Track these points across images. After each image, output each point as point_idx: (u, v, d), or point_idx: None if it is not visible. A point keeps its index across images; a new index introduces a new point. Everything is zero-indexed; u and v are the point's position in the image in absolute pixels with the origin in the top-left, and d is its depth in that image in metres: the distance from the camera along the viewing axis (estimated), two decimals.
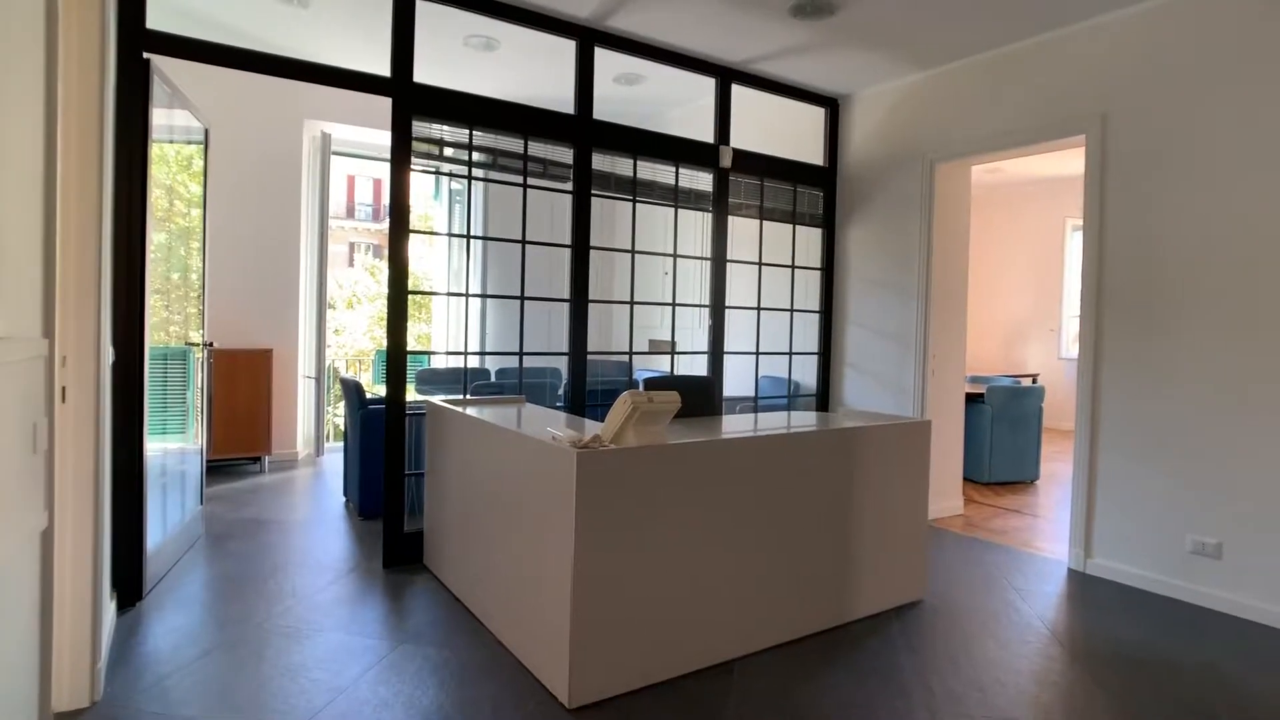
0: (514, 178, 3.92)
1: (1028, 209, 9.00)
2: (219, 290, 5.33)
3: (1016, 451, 5.55)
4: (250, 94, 5.50)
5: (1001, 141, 4.07)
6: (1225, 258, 3.18)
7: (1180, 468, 3.30)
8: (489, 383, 4.77)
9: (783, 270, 4.90)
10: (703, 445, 2.49)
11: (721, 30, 3.96)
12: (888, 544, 3.06)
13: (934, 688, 2.42)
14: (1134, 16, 3.49)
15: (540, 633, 2.39)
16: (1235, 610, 3.12)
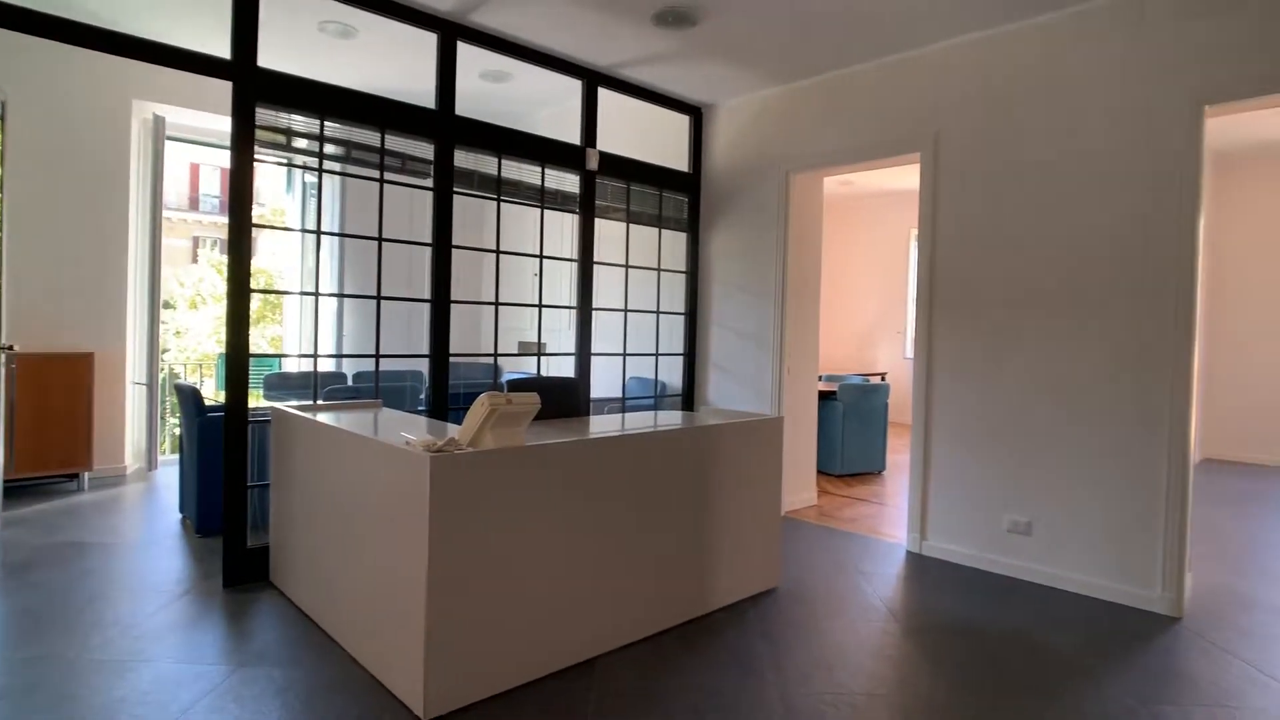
0: (370, 172, 3.76)
1: (877, 219, 9.68)
2: (26, 287, 4.76)
3: (866, 445, 5.96)
4: (69, 67, 4.95)
5: (849, 155, 4.35)
6: (1035, 263, 3.57)
7: (999, 454, 3.67)
8: (345, 387, 4.55)
9: (649, 273, 4.99)
10: (562, 446, 2.50)
11: (587, 33, 3.99)
12: (745, 536, 3.19)
13: (785, 668, 2.55)
14: (962, 45, 3.84)
15: (394, 644, 2.31)
16: (1044, 580, 3.50)
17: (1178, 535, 3.15)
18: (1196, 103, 3.11)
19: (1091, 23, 3.40)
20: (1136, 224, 3.27)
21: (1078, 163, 3.44)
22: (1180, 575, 3.14)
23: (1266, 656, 2.76)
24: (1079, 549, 3.40)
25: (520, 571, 2.37)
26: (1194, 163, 3.12)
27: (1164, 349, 3.19)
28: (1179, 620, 3.09)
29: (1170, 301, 3.19)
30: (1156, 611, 3.16)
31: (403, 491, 2.26)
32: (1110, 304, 3.34)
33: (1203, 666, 2.67)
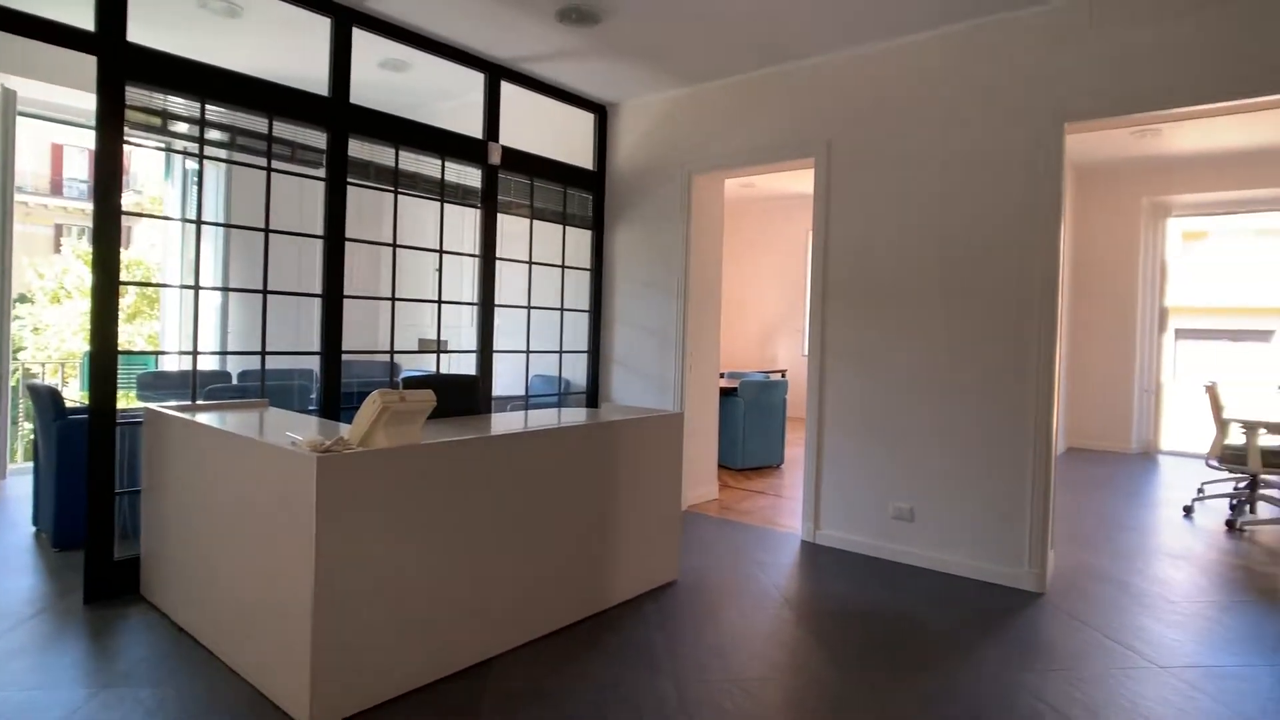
0: (257, 160, 3.58)
1: (778, 221, 10.00)
2: None
3: (765, 439, 6.15)
4: None
5: (749, 158, 4.48)
6: (918, 265, 3.79)
7: (885, 445, 3.87)
8: (228, 386, 4.31)
9: (553, 270, 4.97)
10: (458, 444, 2.46)
11: (489, 26, 3.93)
12: (645, 530, 3.24)
13: (681, 658, 2.61)
14: (855, 57, 4.02)
15: (278, 654, 2.21)
16: (925, 563, 3.72)
17: (1042, 518, 3.41)
18: (1058, 120, 3.38)
19: (968, 42, 3.64)
20: (1007, 229, 3.52)
21: (957, 170, 3.67)
22: (1044, 554, 3.41)
23: (1112, 623, 3.04)
24: (956, 533, 3.64)
25: (414, 573, 2.32)
26: (1056, 174, 3.39)
27: (1030, 347, 3.45)
28: (1042, 595, 3.35)
29: (1035, 302, 3.45)
30: (1023, 588, 3.42)
31: (288, 494, 2.16)
32: (984, 304, 3.58)
33: (1060, 635, 2.91)
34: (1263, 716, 2.33)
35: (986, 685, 2.49)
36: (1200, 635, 2.96)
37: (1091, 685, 2.50)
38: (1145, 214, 7.53)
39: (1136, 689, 2.48)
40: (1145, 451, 7.54)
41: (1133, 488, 5.84)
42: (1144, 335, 7.58)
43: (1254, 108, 3.10)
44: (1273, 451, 4.55)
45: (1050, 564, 3.51)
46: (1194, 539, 4.36)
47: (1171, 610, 3.21)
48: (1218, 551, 4.12)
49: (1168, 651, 2.79)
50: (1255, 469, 4.58)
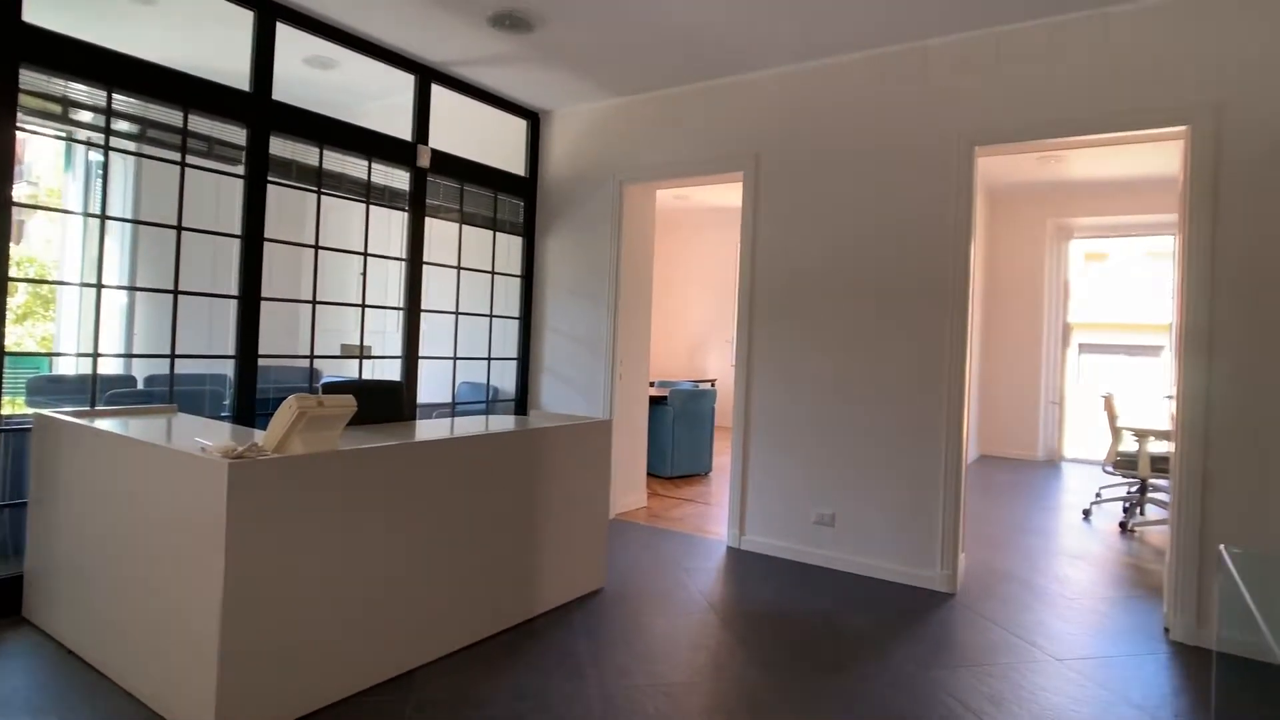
0: (170, 154, 3.42)
1: (709, 233, 10.17)
2: None
3: (694, 447, 6.22)
4: None
5: (680, 170, 4.55)
6: (838, 279, 3.92)
7: (808, 453, 3.98)
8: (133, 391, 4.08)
9: (483, 276, 4.92)
10: (379, 451, 2.40)
11: (421, 28, 3.88)
12: (572, 538, 3.23)
13: (605, 665, 2.61)
14: (782, 75, 4.14)
15: (182, 673, 2.10)
16: (846, 567, 3.84)
17: (953, 522, 3.57)
18: (969, 143, 3.58)
19: (888, 66, 3.80)
20: (922, 246, 3.69)
21: (876, 189, 3.82)
22: (955, 556, 3.57)
23: (1016, 620, 3.21)
24: (874, 537, 3.77)
25: (332, 584, 2.25)
26: (967, 194, 3.58)
27: (942, 359, 3.62)
28: (953, 595, 3.51)
29: (948, 316, 3.62)
30: (936, 589, 3.57)
31: (196, 503, 2.07)
32: (900, 317, 3.74)
33: (969, 633, 3.05)
34: (1145, 701, 2.51)
35: (900, 682, 2.58)
36: (1093, 628, 3.16)
37: (996, 679, 2.63)
38: (1050, 235, 8.00)
39: (1036, 680, 2.63)
40: (1050, 459, 7.98)
41: (1038, 493, 6.17)
42: (1049, 349, 8.03)
43: (1138, 140, 3.35)
44: (1160, 457, 4.89)
45: (961, 566, 3.68)
46: (1091, 540, 4.64)
47: (1069, 606, 3.42)
48: (1112, 551, 4.40)
49: (1064, 644, 2.97)
50: (1144, 474, 4.91)
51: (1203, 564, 3.04)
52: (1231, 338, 3.01)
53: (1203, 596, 3.04)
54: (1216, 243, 3.05)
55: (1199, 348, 3.07)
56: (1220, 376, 3.03)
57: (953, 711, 2.38)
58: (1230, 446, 3.00)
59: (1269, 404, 2.93)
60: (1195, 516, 3.06)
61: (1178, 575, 3.10)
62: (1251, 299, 2.98)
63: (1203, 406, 3.06)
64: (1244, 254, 3.00)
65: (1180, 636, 3.06)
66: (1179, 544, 3.10)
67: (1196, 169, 3.09)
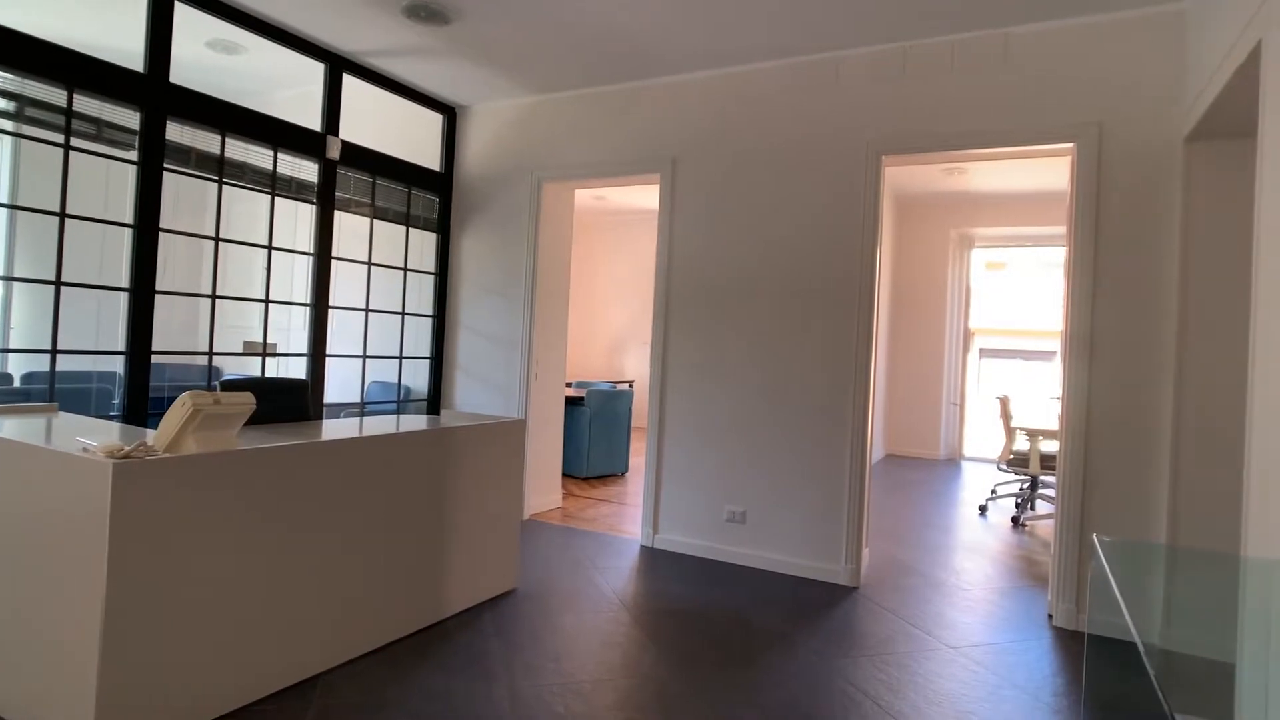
0: (53, 136, 3.20)
1: (629, 235, 10.23)
2: None
3: (610, 448, 6.25)
4: None
5: (598, 170, 4.57)
6: (752, 280, 4.02)
7: (721, 451, 4.07)
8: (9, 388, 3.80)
9: (395, 272, 4.81)
10: (280, 450, 2.32)
11: (332, 15, 3.76)
12: (484, 539, 3.20)
13: (515, 665, 2.60)
14: (698, 79, 4.22)
15: (59, 687, 1.97)
16: (756, 563, 3.94)
17: (857, 518, 3.72)
18: (876, 153, 3.73)
19: (801, 75, 3.94)
20: (831, 251, 3.83)
21: (787, 194, 3.95)
22: (859, 551, 3.72)
23: (916, 612, 3.38)
24: (783, 534, 3.89)
25: (228, 588, 2.16)
26: (874, 202, 3.73)
27: (849, 359, 3.77)
28: (857, 589, 3.65)
29: (854, 320, 3.77)
30: (840, 583, 3.71)
31: (77, 506, 1.95)
32: (809, 319, 3.87)
33: (870, 624, 3.19)
34: (1029, 683, 2.69)
35: (805, 674, 2.68)
36: (985, 617, 3.35)
37: (895, 668, 2.76)
38: (953, 244, 8.43)
39: (932, 668, 2.78)
40: (951, 458, 8.41)
41: (938, 490, 6.49)
42: (951, 353, 8.46)
43: (1031, 155, 3.59)
44: (1050, 456, 5.22)
45: (865, 560, 3.84)
46: (986, 534, 4.92)
47: (964, 597, 3.61)
48: (1004, 544, 4.68)
49: (959, 633, 3.14)
50: (1035, 471, 5.23)
51: (1082, 553, 3.28)
52: (1110, 343, 3.26)
53: (1082, 584, 3.28)
54: (1098, 253, 3.29)
55: (1081, 352, 3.30)
56: (1100, 379, 3.28)
57: (853, 700, 2.49)
58: (1108, 444, 3.25)
59: (1142, 404, 3.19)
60: (1076, 509, 3.29)
61: (1061, 564, 3.33)
62: (1127, 307, 3.23)
63: (1084, 407, 3.30)
64: (1121, 264, 3.25)
65: (1061, 622, 3.29)
66: (1062, 535, 3.32)
67: (1081, 185, 3.33)
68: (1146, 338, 3.19)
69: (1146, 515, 3.17)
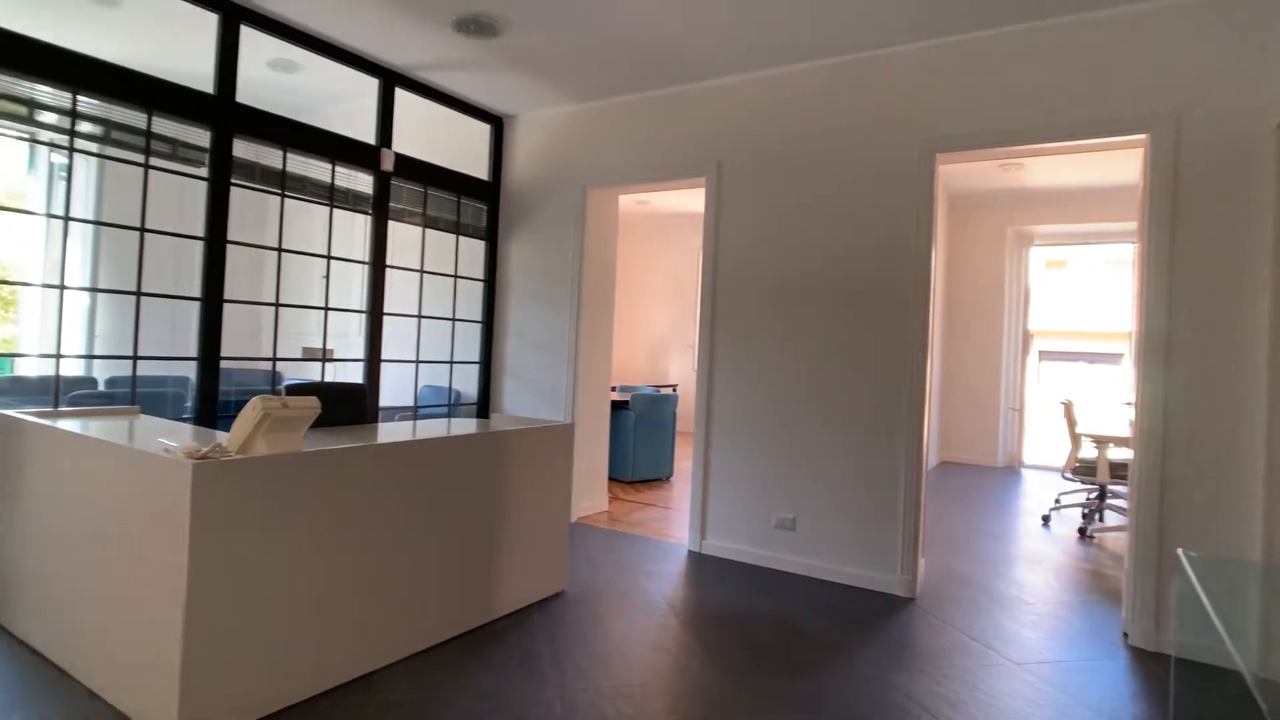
0: (134, 156, 3.39)
1: (672, 239, 10.24)
2: None
3: (655, 452, 6.26)
4: None
5: (642, 176, 4.59)
6: (801, 284, 3.99)
7: (769, 458, 4.04)
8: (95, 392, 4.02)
9: (445, 279, 4.92)
10: (343, 453, 2.41)
11: (385, 31, 3.89)
12: (534, 541, 3.25)
13: (566, 667, 2.64)
14: (743, 81, 4.21)
15: (146, 673, 2.09)
16: (805, 571, 3.89)
17: (913, 527, 3.63)
18: (930, 151, 3.65)
19: (849, 73, 3.88)
20: (884, 251, 3.76)
21: (838, 194, 3.89)
22: (915, 561, 3.63)
23: (975, 625, 3.28)
24: (835, 542, 3.83)
25: (294, 585, 2.25)
26: (928, 200, 3.64)
27: (902, 363, 3.69)
28: (913, 600, 3.56)
29: (909, 322, 3.69)
30: (896, 593, 3.62)
31: (160, 503, 2.06)
32: (861, 323, 3.81)
33: (928, 636, 3.11)
34: (1103, 705, 2.56)
35: (859, 685, 2.63)
36: (1052, 633, 3.21)
37: (955, 682, 2.68)
38: (1010, 242, 8.20)
39: (995, 684, 2.68)
40: (1010, 465, 8.15)
41: (997, 499, 6.30)
42: (1009, 356, 8.21)
43: (1098, 148, 3.44)
44: (1119, 464, 4.98)
45: (920, 570, 3.74)
46: (1050, 545, 4.75)
47: (1027, 611, 3.48)
48: (1070, 556, 4.50)
49: (1024, 649, 3.02)
50: (1104, 480, 4.99)
51: (1161, 569, 3.09)
52: (1189, 345, 3.07)
53: (1161, 601, 3.09)
54: (1174, 250, 3.10)
55: (1157, 355, 3.12)
56: (1178, 384, 3.08)
57: (911, 714, 2.43)
58: (1188, 452, 3.06)
59: (1227, 411, 3.00)
60: (1153, 522, 3.11)
61: (1136, 580, 3.14)
62: (1209, 307, 3.04)
63: (1161, 413, 3.11)
64: (1200, 262, 3.06)
65: (1139, 641, 3.11)
66: (1137, 549, 3.14)
67: (1155, 177, 3.15)
68: (1232, 340, 2.99)
69: (1234, 529, 2.98)
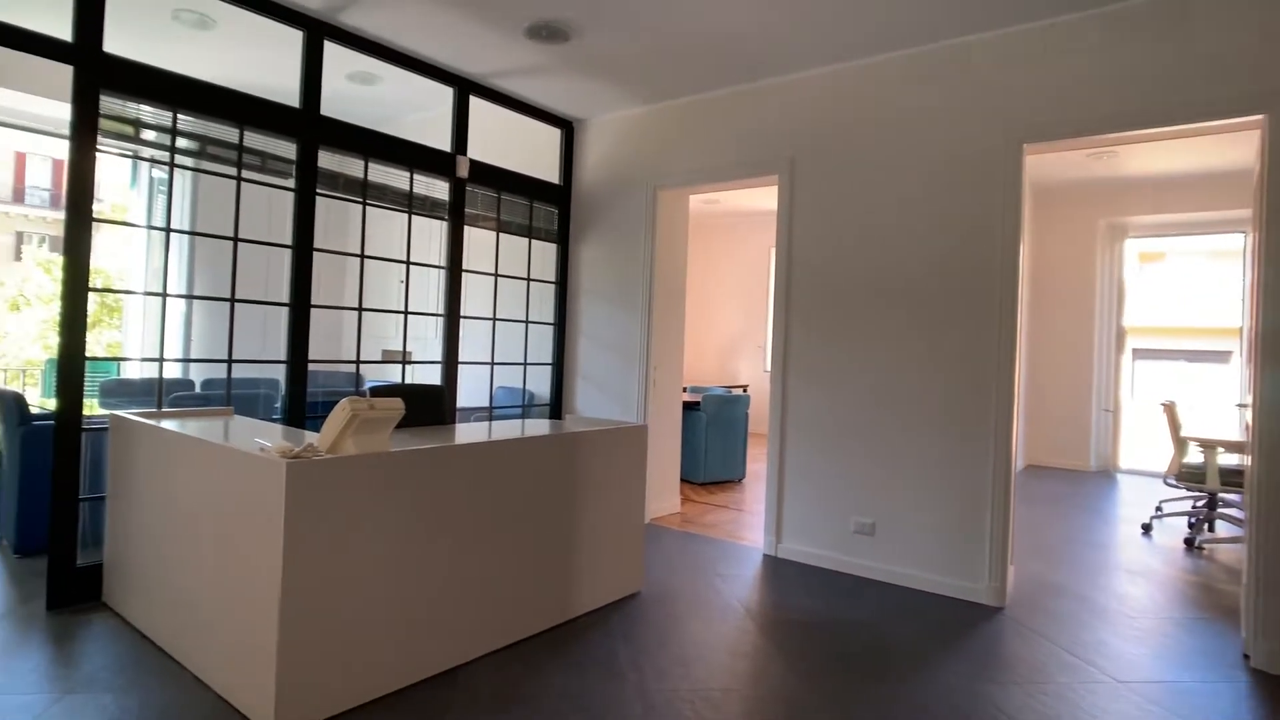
0: (227, 169, 3.57)
1: (741, 238, 10.13)
2: None
3: (727, 453, 6.20)
4: None
5: (713, 175, 4.55)
6: (879, 281, 3.87)
7: (847, 460, 3.93)
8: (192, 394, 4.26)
9: (518, 282, 5.00)
10: (426, 453, 2.46)
11: (460, 41, 3.97)
12: (609, 542, 3.25)
13: (644, 668, 2.63)
14: (815, 76, 4.13)
15: (244, 661, 2.19)
16: (886, 577, 3.77)
17: (1002, 533, 3.47)
18: (1017, 141, 3.48)
19: (929, 64, 3.74)
20: (967, 247, 3.61)
21: (918, 189, 3.76)
22: (1004, 569, 3.46)
23: (1071, 638, 3.10)
24: (916, 547, 3.70)
25: (381, 580, 2.32)
26: (1015, 193, 3.48)
27: (990, 364, 3.54)
28: (1002, 609, 3.40)
29: (995, 319, 3.53)
30: (983, 602, 3.47)
31: (256, 500, 2.15)
32: (944, 321, 3.67)
33: (1020, 648, 2.95)
34: None
35: (946, 696, 2.53)
36: (1159, 650, 3.00)
37: (1052, 698, 2.53)
38: (1102, 235, 7.77)
39: (1096, 703, 2.51)
40: (1104, 469, 7.72)
41: (1091, 505, 5.98)
42: (1102, 354, 7.78)
43: (1200, 132, 3.20)
44: (1232, 470, 4.61)
45: (1010, 578, 3.57)
46: (1153, 556, 4.45)
47: (1130, 626, 3.26)
48: (1176, 569, 4.19)
49: (1127, 666, 2.83)
50: (1214, 487, 4.63)
51: None
52: None
53: None
54: None
55: (1275, 353, 2.88)
56: None
57: None
58: None
59: None
60: (1277, 535, 2.86)
61: (1257, 597, 2.89)
62: None
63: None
64: None
65: (1263, 664, 2.85)
66: (1258, 563, 2.88)
67: (1274, 161, 2.90)
68: None
69: None
